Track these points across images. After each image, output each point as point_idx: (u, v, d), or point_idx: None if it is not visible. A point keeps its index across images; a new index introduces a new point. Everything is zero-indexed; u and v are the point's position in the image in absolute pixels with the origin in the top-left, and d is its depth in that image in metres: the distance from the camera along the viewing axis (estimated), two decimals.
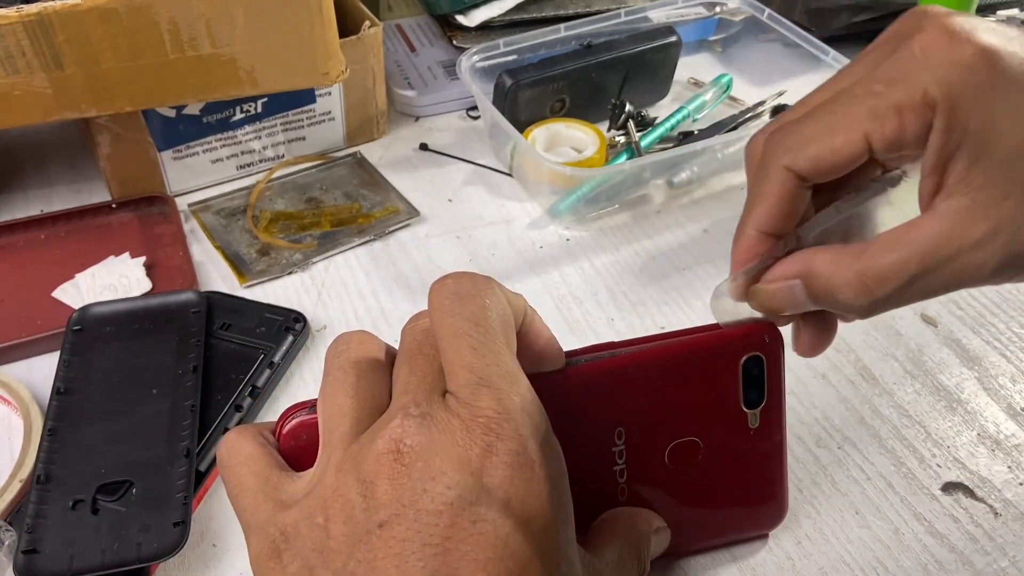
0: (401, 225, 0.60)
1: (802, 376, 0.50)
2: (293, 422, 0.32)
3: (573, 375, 0.35)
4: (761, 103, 0.67)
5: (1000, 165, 0.28)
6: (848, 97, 0.31)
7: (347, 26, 0.62)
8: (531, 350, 0.32)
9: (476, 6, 0.72)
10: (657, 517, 0.37)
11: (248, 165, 0.64)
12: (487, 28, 0.72)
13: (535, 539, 0.26)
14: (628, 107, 0.65)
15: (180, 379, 0.46)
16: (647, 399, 0.36)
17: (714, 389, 0.37)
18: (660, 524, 0.37)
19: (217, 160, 0.62)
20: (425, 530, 0.25)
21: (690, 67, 0.76)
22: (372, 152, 0.67)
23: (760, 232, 0.34)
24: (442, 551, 0.25)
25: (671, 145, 0.65)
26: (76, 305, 0.51)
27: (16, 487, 0.42)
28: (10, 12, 0.48)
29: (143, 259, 0.55)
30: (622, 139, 0.65)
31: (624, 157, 0.64)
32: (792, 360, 0.53)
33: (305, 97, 0.63)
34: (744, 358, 0.37)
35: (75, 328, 0.48)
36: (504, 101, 0.64)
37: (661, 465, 0.37)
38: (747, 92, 0.72)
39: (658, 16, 0.72)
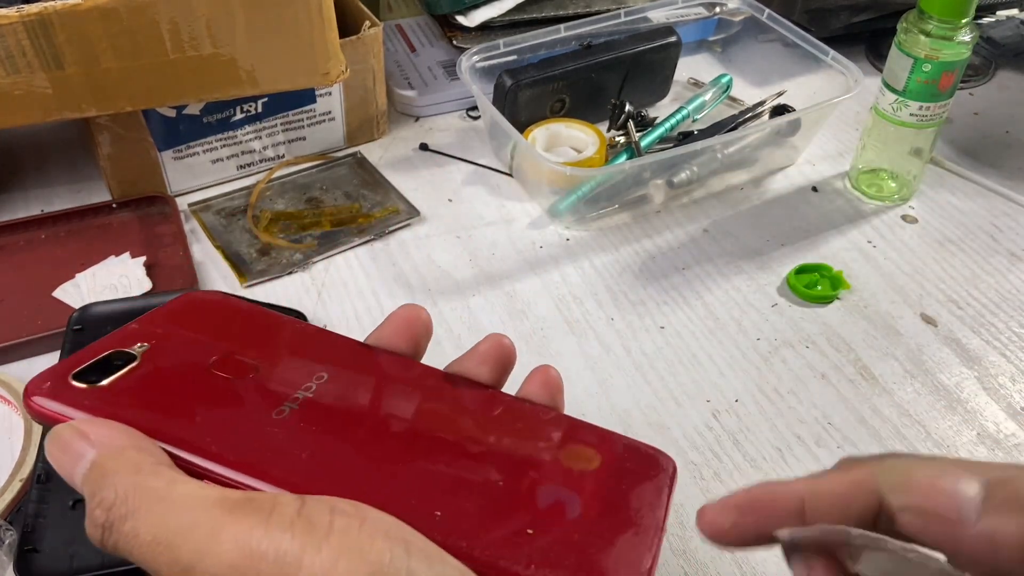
0: (401, 225, 0.60)
1: (802, 376, 0.50)
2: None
3: None
4: (761, 103, 0.67)
5: None
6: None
7: (347, 26, 0.62)
8: None
9: (476, 6, 0.72)
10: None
11: (248, 165, 0.64)
12: (487, 28, 0.72)
13: None
14: (628, 107, 0.65)
15: None
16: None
17: None
18: None
19: (217, 160, 0.62)
20: None
21: (690, 67, 0.76)
22: (372, 152, 0.67)
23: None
24: None
25: (671, 145, 0.65)
26: (76, 305, 0.51)
27: (17, 486, 0.43)
28: (10, 12, 0.48)
29: (143, 259, 0.55)
30: (622, 139, 0.65)
31: (624, 157, 0.64)
32: (792, 360, 0.53)
33: (305, 97, 0.63)
34: None
35: (75, 328, 0.48)
36: (504, 101, 0.64)
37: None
38: (747, 92, 0.72)
39: (658, 16, 0.72)
